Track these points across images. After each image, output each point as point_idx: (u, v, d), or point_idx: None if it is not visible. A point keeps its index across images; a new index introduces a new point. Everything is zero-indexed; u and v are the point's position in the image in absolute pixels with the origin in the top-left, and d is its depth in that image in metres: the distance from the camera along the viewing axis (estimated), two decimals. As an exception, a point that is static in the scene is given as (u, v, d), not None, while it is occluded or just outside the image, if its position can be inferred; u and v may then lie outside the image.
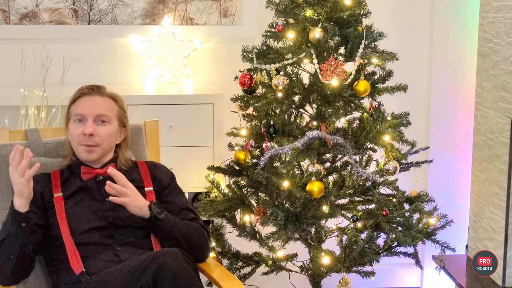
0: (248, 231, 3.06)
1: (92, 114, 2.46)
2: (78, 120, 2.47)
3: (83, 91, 2.52)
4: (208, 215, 3.05)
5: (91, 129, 2.43)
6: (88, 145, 2.44)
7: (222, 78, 3.57)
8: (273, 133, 2.86)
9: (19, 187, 2.26)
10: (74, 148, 2.50)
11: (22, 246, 2.27)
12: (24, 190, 2.26)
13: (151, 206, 2.33)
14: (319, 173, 2.72)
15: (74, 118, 2.48)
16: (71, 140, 2.50)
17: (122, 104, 2.57)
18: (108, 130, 2.48)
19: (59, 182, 2.46)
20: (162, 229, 2.36)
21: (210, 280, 2.54)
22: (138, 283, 2.11)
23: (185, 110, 3.33)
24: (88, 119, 2.45)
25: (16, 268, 2.29)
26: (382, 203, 2.83)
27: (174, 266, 2.11)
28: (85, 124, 2.45)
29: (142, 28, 3.60)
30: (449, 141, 3.73)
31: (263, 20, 3.09)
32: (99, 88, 2.53)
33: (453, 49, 3.67)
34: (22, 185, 2.25)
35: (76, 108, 2.49)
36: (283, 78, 2.79)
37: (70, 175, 2.50)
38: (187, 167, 3.32)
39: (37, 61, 3.39)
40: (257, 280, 3.20)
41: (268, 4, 2.94)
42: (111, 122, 2.50)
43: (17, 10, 3.54)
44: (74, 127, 2.47)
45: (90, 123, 2.45)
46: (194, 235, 2.45)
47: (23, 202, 2.27)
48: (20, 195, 2.27)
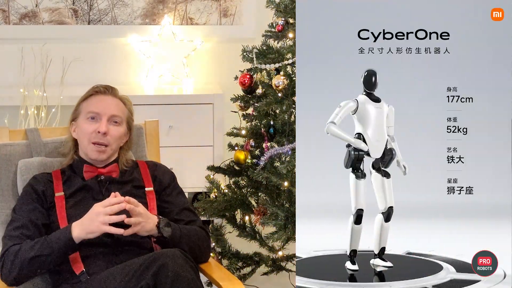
0: (248, 231, 3.06)
1: (107, 114, 2.45)
2: (91, 117, 2.46)
3: (98, 89, 2.51)
4: (208, 215, 3.05)
5: (105, 128, 2.43)
6: (100, 144, 2.44)
7: (222, 78, 3.57)
8: (273, 133, 2.86)
9: (94, 229, 2.21)
10: (82, 146, 2.49)
11: (54, 266, 2.28)
12: (95, 233, 2.22)
13: (159, 227, 2.32)
14: (319, 173, 2.72)
15: (87, 115, 2.47)
16: (83, 138, 2.47)
17: (131, 108, 2.57)
18: (120, 131, 2.49)
19: (61, 182, 2.46)
20: (168, 244, 2.36)
21: (210, 280, 2.54)
22: (138, 284, 2.10)
23: (185, 110, 3.33)
24: (102, 118, 2.45)
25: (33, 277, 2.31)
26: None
27: (174, 267, 2.11)
28: (99, 122, 2.44)
29: (142, 28, 3.60)
30: (449, 141, 3.72)
31: (263, 20, 3.09)
32: (113, 89, 2.53)
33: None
34: (98, 230, 2.21)
35: (90, 105, 2.48)
36: (283, 78, 2.79)
37: (72, 174, 2.49)
38: (187, 167, 3.32)
39: (37, 61, 3.39)
40: (257, 280, 3.20)
41: (268, 4, 2.94)
42: (122, 124, 2.50)
43: (17, 10, 3.54)
44: (87, 124, 2.46)
45: (104, 121, 2.44)
46: (198, 242, 2.45)
47: (83, 237, 2.24)
48: (86, 233, 2.23)
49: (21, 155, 2.57)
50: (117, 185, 2.46)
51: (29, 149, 2.59)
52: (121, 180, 2.48)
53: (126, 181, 2.49)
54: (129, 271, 2.14)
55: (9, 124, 3.27)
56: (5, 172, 2.52)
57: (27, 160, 2.54)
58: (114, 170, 2.48)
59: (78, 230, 2.24)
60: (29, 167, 2.51)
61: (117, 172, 2.47)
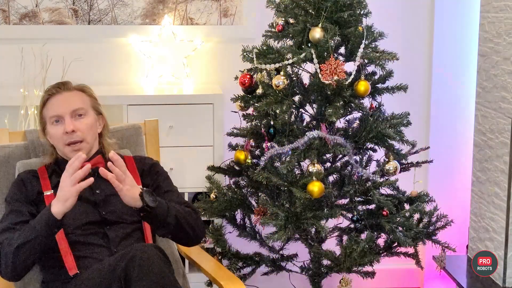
0: (248, 231, 3.05)
1: (66, 112, 2.44)
2: (55, 121, 2.45)
3: (50, 92, 2.49)
4: (208, 215, 3.05)
5: (71, 126, 2.42)
6: (74, 143, 2.43)
7: (222, 78, 3.56)
8: (273, 133, 2.86)
9: (67, 194, 2.20)
10: (60, 151, 2.48)
11: (45, 249, 2.27)
12: (70, 199, 2.21)
13: (142, 195, 2.29)
14: (319, 173, 2.72)
15: (50, 120, 2.46)
16: (56, 143, 2.47)
17: (91, 93, 2.55)
18: (88, 122, 2.47)
19: (48, 179, 2.45)
20: (155, 217, 2.33)
21: (211, 279, 2.54)
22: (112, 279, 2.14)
23: (185, 110, 3.33)
24: (65, 117, 2.43)
25: (30, 267, 2.29)
26: (382, 203, 2.83)
27: (142, 258, 2.12)
28: (64, 123, 2.43)
29: (142, 28, 3.60)
30: (449, 141, 3.72)
31: (263, 20, 3.09)
32: (64, 84, 2.51)
33: (453, 49, 3.67)
34: (70, 193, 2.20)
35: (49, 110, 2.47)
36: (283, 78, 2.79)
37: (56, 169, 2.48)
38: (187, 167, 3.32)
39: (37, 61, 3.39)
40: (257, 280, 3.20)
41: (268, 4, 2.94)
42: (88, 113, 2.48)
43: (17, 10, 3.54)
44: (54, 129, 2.45)
45: (68, 120, 2.43)
46: (187, 217, 2.43)
47: (62, 210, 2.22)
48: (63, 202, 2.21)
49: (19, 156, 2.57)
50: None
51: (28, 150, 2.60)
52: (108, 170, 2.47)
53: None
54: (103, 269, 2.17)
55: (9, 124, 3.27)
56: (4, 174, 2.53)
57: (26, 161, 2.54)
58: (99, 161, 2.47)
59: (55, 203, 2.23)
60: (28, 169, 2.51)
61: (103, 163, 2.45)
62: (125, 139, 2.76)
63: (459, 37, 3.65)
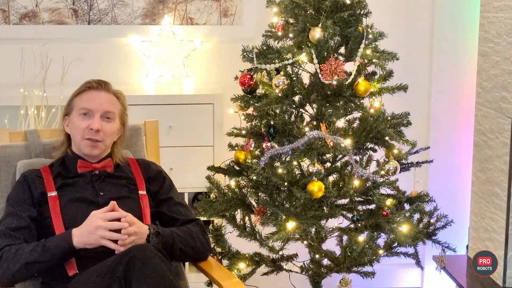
0: (248, 231, 3.05)
1: (99, 110, 2.45)
2: (83, 114, 2.46)
3: (90, 85, 2.50)
4: (208, 215, 3.05)
5: (98, 125, 2.43)
6: (93, 140, 2.44)
7: (222, 78, 3.56)
8: (273, 133, 2.86)
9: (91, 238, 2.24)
10: (75, 141, 2.48)
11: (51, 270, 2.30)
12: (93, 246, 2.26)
13: (149, 240, 2.33)
14: (319, 173, 2.72)
15: (79, 111, 2.46)
16: (76, 133, 2.47)
17: (124, 102, 2.57)
18: (113, 127, 2.49)
19: (52, 180, 2.45)
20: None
21: (211, 279, 2.54)
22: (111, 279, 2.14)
23: (185, 110, 3.33)
24: (95, 114, 2.44)
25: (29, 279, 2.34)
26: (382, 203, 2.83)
27: (142, 258, 2.14)
28: (91, 118, 2.44)
29: (142, 28, 3.60)
30: (449, 141, 3.72)
31: (263, 20, 3.09)
32: (106, 84, 2.53)
33: (453, 49, 3.67)
34: (95, 240, 2.24)
35: (82, 101, 2.47)
36: (283, 78, 2.78)
37: (62, 170, 2.49)
38: (187, 167, 3.32)
39: (37, 61, 3.39)
40: (257, 280, 3.20)
41: (268, 4, 2.94)
42: (115, 119, 2.50)
43: (17, 10, 3.54)
44: (79, 120, 2.45)
45: (97, 118, 2.44)
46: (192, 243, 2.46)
47: (80, 247, 2.26)
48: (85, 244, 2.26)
49: (20, 156, 2.57)
50: (111, 179, 2.47)
51: (28, 150, 2.60)
52: (115, 174, 2.49)
53: (120, 176, 2.50)
54: (103, 269, 2.18)
55: (9, 125, 3.27)
56: (5, 174, 2.53)
57: (26, 161, 2.54)
58: (108, 165, 2.49)
59: (77, 239, 2.27)
60: (28, 169, 2.51)
61: (111, 167, 2.48)
62: (126, 139, 2.75)
63: (459, 37, 3.65)
